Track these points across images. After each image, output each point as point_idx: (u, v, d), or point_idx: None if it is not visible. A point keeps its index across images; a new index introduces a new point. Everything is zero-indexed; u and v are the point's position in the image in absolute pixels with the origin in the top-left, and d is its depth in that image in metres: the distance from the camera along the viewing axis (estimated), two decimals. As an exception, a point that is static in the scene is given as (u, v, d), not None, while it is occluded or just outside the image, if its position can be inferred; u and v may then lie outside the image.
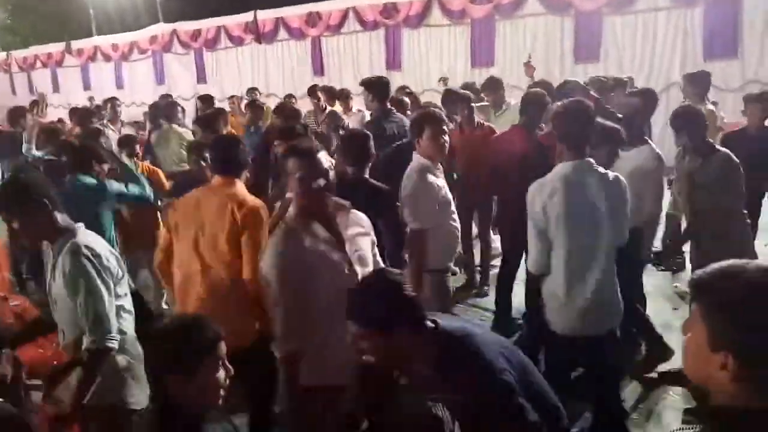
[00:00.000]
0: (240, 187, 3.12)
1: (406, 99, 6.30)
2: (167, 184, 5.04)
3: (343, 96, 7.56)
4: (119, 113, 7.75)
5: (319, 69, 12.70)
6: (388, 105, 4.98)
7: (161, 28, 15.65)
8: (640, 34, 9.11)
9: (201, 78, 14.79)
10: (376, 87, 4.94)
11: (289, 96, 9.77)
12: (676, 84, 8.00)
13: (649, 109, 4.24)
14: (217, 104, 8.33)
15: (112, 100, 7.83)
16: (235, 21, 13.89)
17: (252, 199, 3.11)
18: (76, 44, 17.71)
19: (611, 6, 9.19)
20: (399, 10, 11.37)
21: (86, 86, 17.24)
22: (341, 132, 5.01)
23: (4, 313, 3.67)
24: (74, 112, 8.29)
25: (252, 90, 10.05)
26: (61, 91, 17.90)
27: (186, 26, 14.96)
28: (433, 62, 11.14)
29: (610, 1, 9.15)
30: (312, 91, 8.29)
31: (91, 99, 13.46)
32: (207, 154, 3.71)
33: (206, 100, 8.03)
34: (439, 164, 3.49)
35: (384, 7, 11.57)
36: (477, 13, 10.45)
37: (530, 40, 10.01)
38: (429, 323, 1.83)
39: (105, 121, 7.11)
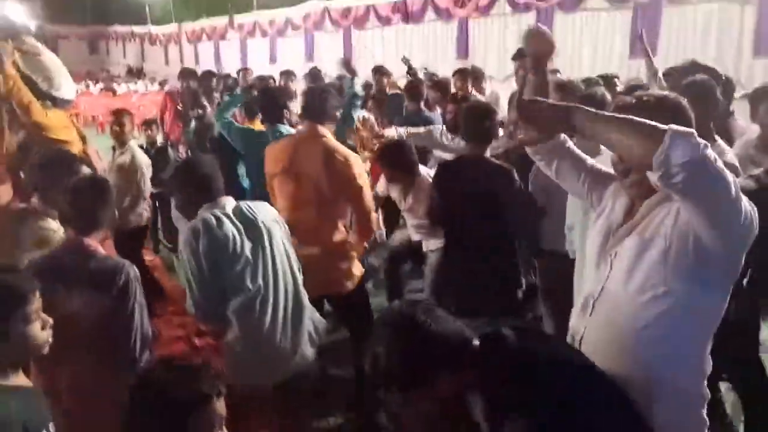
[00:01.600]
0: (328, 133, 3.44)
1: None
2: None
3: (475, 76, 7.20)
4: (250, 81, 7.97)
5: (463, 52, 12.30)
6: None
7: (314, 6, 16.01)
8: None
9: (348, 56, 14.95)
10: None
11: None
12: None
13: None
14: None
15: (245, 71, 8.16)
16: (384, 0, 13.83)
17: (341, 145, 3.46)
18: (238, 18, 18.69)
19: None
20: (554, -8, 10.63)
21: (243, 60, 18.17)
22: None
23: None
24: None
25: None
26: (222, 64, 19.03)
27: (337, 4, 15.17)
28: (587, 50, 10.32)
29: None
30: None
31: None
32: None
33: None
34: None
35: (538, -13, 10.89)
36: (641, -3, 9.46)
37: (701, 29, 8.89)
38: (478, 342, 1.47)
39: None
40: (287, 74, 8.18)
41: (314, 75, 8.21)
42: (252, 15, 19.02)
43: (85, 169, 3.06)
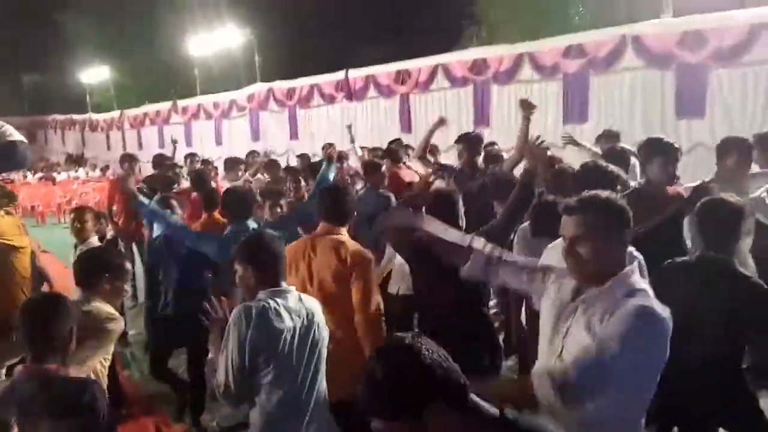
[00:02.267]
0: (345, 233, 3.40)
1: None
2: None
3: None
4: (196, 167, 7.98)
5: (406, 125, 12.71)
6: (479, 160, 5.09)
7: (258, 87, 16.35)
8: (751, 88, 8.40)
9: (293, 134, 15.22)
10: (465, 141, 5.04)
11: (376, 149, 9.77)
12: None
13: None
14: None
15: (191, 156, 8.18)
16: (327, 80, 14.26)
17: (356, 244, 3.40)
18: (181, 103, 18.85)
19: (718, 59, 8.56)
20: (488, 66, 11.21)
21: (188, 143, 18.21)
22: None
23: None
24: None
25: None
26: (165, 147, 18.99)
27: (282, 85, 15.54)
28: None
29: (716, 52, 8.53)
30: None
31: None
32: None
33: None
34: None
35: (473, 63, 11.47)
36: (570, 68, 10.08)
37: (628, 95, 9.50)
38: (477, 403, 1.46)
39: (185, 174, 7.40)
40: (191, 156, 8.24)
41: (303, 157, 8.33)
42: (196, 98, 19.25)
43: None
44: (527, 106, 5.06)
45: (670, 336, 1.91)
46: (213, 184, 6.82)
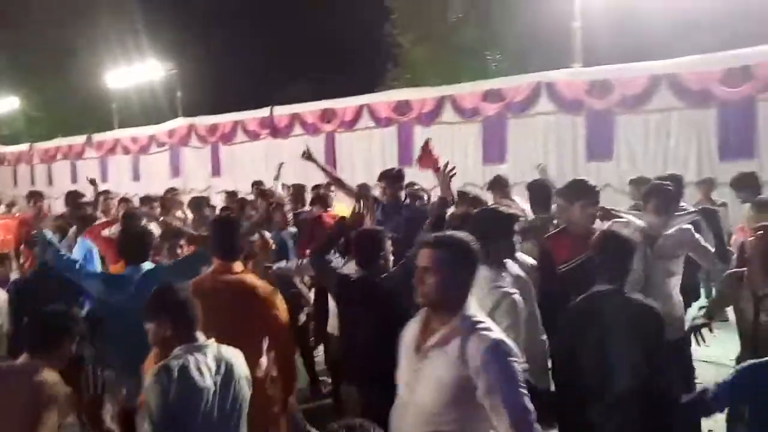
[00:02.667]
0: (240, 267, 3.27)
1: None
2: None
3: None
4: (110, 205, 7.67)
5: (332, 163, 12.77)
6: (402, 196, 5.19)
7: (179, 123, 16.04)
8: (653, 133, 9.04)
9: (215, 171, 14.96)
10: (387, 178, 5.37)
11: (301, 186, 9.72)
12: (690, 184, 7.79)
13: None
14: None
15: (105, 193, 7.85)
16: (251, 116, 14.18)
17: (256, 278, 3.29)
18: (97, 137, 18.18)
19: (623, 105, 9.18)
20: (412, 108, 11.51)
21: (104, 178, 17.51)
22: None
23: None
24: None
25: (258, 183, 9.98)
26: (79, 183, 18.19)
27: (204, 121, 15.31)
28: (444, 158, 11.10)
29: (621, 100, 9.15)
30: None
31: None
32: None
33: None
34: None
35: (397, 104, 11.75)
36: (488, 111, 10.52)
37: (542, 138, 10.00)
38: None
39: (98, 212, 7.09)
40: (105, 193, 7.94)
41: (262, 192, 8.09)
42: (113, 132, 18.63)
43: None
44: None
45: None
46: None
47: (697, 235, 4.03)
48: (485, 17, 19.25)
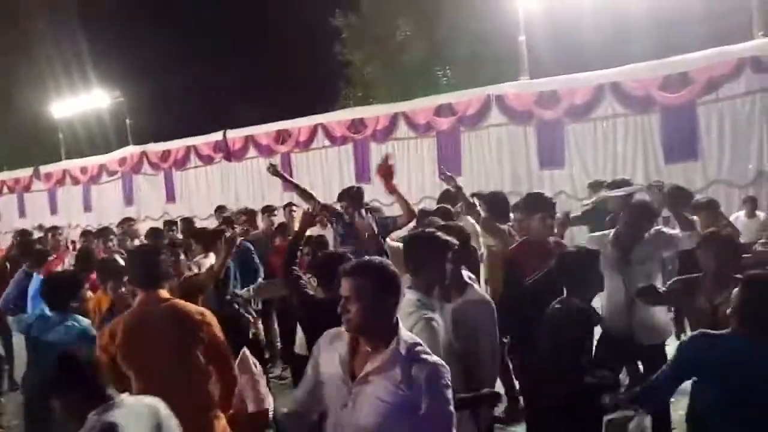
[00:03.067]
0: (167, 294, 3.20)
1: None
2: None
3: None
4: (60, 241, 7.50)
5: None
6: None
7: (131, 150, 15.74)
8: (601, 139, 9.33)
9: (170, 197, 14.71)
10: (348, 197, 5.42)
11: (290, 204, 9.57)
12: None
13: None
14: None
15: (53, 229, 7.71)
16: (204, 140, 14.03)
17: (187, 303, 3.22)
18: (44, 169, 17.68)
19: (571, 115, 9.46)
20: (366, 125, 11.60)
21: (53, 210, 17.02)
22: None
23: None
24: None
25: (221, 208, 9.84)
26: (27, 216, 17.62)
27: (156, 147, 15.07)
28: (401, 173, 11.22)
29: (569, 109, 9.43)
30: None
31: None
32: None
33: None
34: None
35: (351, 122, 11.82)
36: (442, 126, 10.68)
37: (495, 149, 10.20)
38: None
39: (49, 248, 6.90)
40: (53, 230, 7.80)
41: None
42: (61, 163, 18.12)
43: None
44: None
45: None
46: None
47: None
48: (432, 34, 19.57)
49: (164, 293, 3.20)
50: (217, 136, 13.77)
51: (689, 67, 8.57)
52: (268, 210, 7.87)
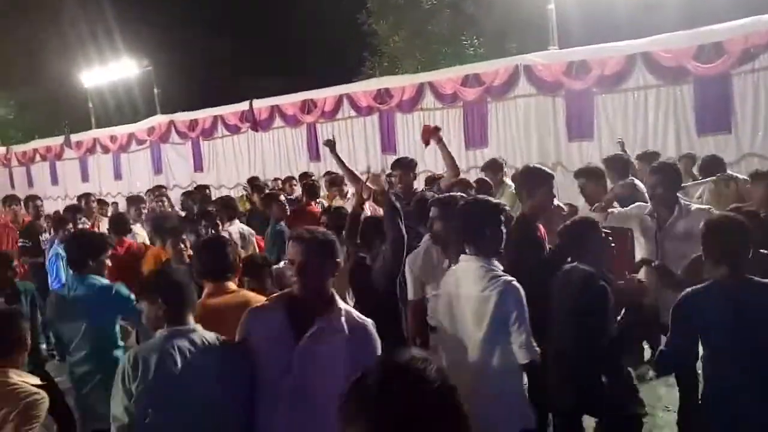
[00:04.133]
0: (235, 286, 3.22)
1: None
2: None
3: (337, 182, 7.56)
4: (93, 208, 7.67)
5: (315, 154, 12.80)
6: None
7: (159, 120, 15.92)
8: (632, 111, 9.18)
9: (198, 166, 14.90)
10: (402, 167, 5.38)
11: (290, 178, 9.81)
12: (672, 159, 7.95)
13: None
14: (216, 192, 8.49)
15: (86, 196, 7.84)
16: (231, 110, 14.13)
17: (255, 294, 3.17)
18: (75, 137, 17.99)
19: (601, 85, 9.31)
20: (392, 96, 11.55)
21: (84, 178, 17.36)
22: None
23: None
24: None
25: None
26: (60, 184, 18.02)
27: (183, 116, 15.22)
28: (426, 147, 11.19)
29: (599, 80, 9.27)
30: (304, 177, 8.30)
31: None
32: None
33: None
34: None
35: (377, 92, 11.78)
36: (469, 96, 10.60)
37: (523, 120, 10.10)
38: None
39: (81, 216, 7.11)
40: (87, 197, 7.93)
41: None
42: (91, 132, 18.42)
43: None
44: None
45: None
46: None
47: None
48: (459, 3, 19.28)
49: (232, 285, 3.20)
50: (243, 106, 13.85)
51: (723, 37, 8.35)
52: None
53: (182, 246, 4.57)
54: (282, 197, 6.51)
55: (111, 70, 21.27)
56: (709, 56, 8.46)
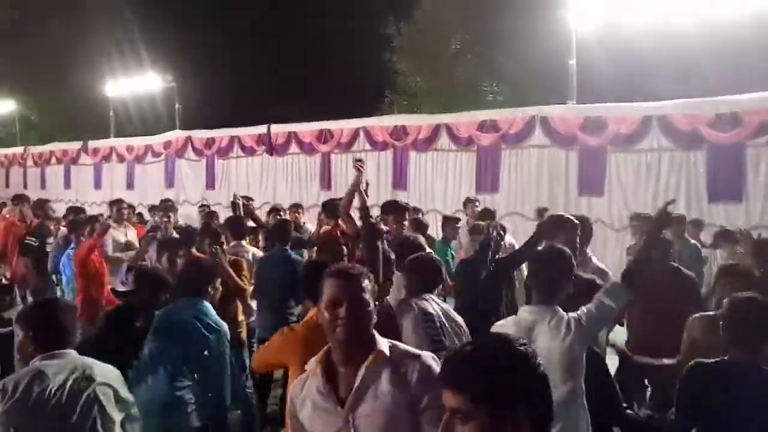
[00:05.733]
0: None
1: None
2: None
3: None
4: (124, 215, 7.66)
5: (327, 184, 12.87)
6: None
7: (176, 134, 16.12)
8: (644, 171, 9.22)
9: (210, 184, 15.01)
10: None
11: (297, 206, 9.80)
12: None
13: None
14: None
15: (118, 202, 7.79)
16: (248, 132, 14.29)
17: None
18: (92, 144, 18.22)
19: (615, 143, 9.37)
20: (408, 133, 11.66)
21: (97, 185, 17.52)
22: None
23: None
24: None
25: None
26: (72, 188, 18.19)
27: (201, 134, 15.41)
28: (438, 184, 11.28)
29: (614, 138, 9.34)
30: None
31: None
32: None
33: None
34: None
35: (394, 128, 11.91)
36: (484, 141, 10.69)
37: (535, 170, 10.16)
38: None
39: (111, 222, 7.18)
40: (119, 203, 7.88)
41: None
42: (109, 140, 18.66)
43: None
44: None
45: None
46: None
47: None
48: (485, 51, 19.60)
49: None
50: (261, 129, 14.01)
51: (741, 108, 8.43)
52: (275, 210, 8.15)
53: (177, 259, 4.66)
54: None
55: (135, 82, 21.65)
56: (725, 125, 8.53)
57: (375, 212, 7.47)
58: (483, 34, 19.40)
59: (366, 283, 2.06)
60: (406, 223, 5.29)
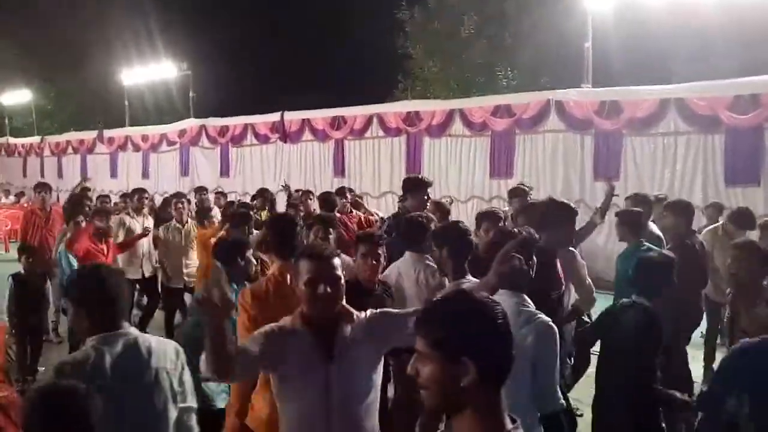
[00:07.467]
0: None
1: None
2: None
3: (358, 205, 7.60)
4: (144, 204, 7.68)
5: (340, 170, 12.90)
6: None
7: (191, 123, 16.19)
8: (660, 155, 9.12)
9: (224, 172, 15.09)
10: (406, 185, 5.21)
11: (307, 192, 9.79)
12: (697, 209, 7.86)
13: None
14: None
15: (139, 192, 7.80)
16: (262, 120, 14.32)
17: None
18: (108, 133, 18.36)
19: (632, 127, 9.27)
20: (422, 119, 11.63)
21: (113, 174, 17.69)
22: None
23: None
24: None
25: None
26: (88, 176, 18.35)
27: (215, 122, 15.46)
28: (452, 170, 11.25)
29: (630, 122, 9.24)
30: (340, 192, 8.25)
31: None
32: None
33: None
34: None
35: (407, 115, 11.87)
36: (498, 126, 10.62)
37: (550, 155, 10.09)
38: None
39: (130, 211, 7.24)
40: (140, 192, 7.88)
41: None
42: (124, 129, 18.80)
43: None
44: None
45: None
46: None
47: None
48: (497, 34, 19.38)
49: None
50: (275, 116, 14.04)
51: (760, 90, 8.29)
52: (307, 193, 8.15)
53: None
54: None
55: (150, 70, 21.73)
56: (744, 107, 8.40)
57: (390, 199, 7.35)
58: (496, 18, 19.17)
59: (337, 261, 2.33)
60: (426, 199, 5.07)
